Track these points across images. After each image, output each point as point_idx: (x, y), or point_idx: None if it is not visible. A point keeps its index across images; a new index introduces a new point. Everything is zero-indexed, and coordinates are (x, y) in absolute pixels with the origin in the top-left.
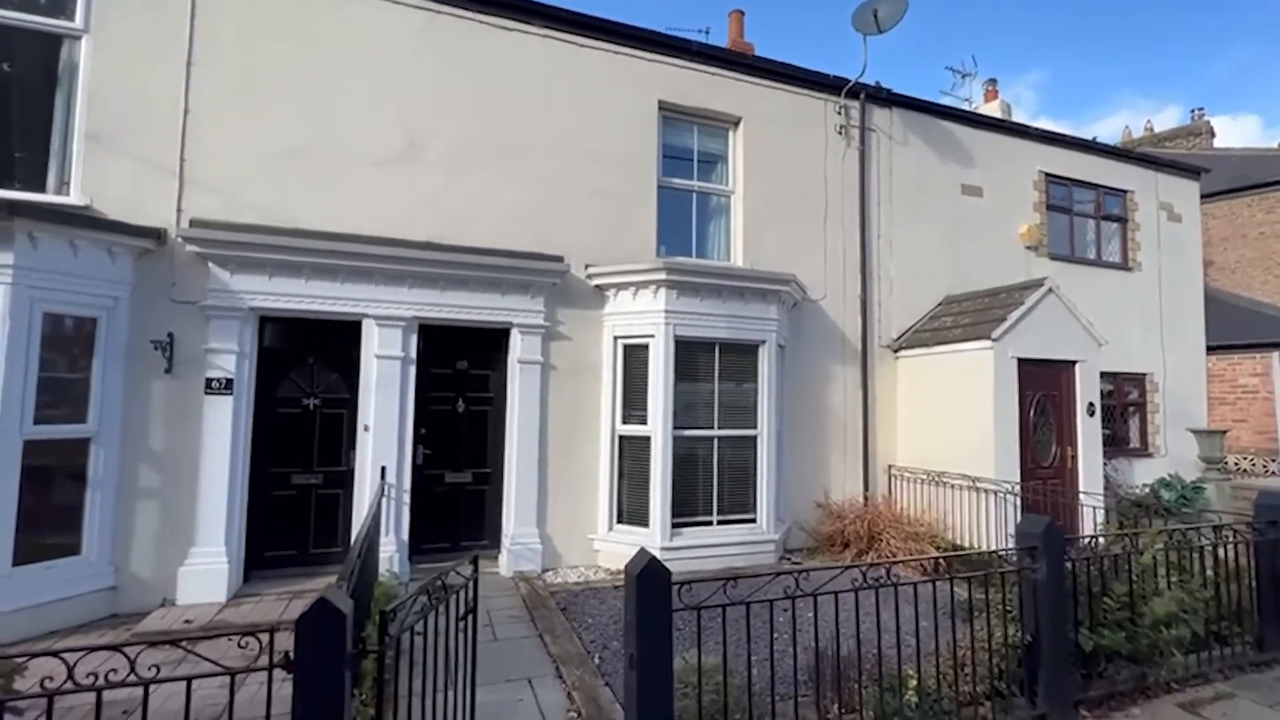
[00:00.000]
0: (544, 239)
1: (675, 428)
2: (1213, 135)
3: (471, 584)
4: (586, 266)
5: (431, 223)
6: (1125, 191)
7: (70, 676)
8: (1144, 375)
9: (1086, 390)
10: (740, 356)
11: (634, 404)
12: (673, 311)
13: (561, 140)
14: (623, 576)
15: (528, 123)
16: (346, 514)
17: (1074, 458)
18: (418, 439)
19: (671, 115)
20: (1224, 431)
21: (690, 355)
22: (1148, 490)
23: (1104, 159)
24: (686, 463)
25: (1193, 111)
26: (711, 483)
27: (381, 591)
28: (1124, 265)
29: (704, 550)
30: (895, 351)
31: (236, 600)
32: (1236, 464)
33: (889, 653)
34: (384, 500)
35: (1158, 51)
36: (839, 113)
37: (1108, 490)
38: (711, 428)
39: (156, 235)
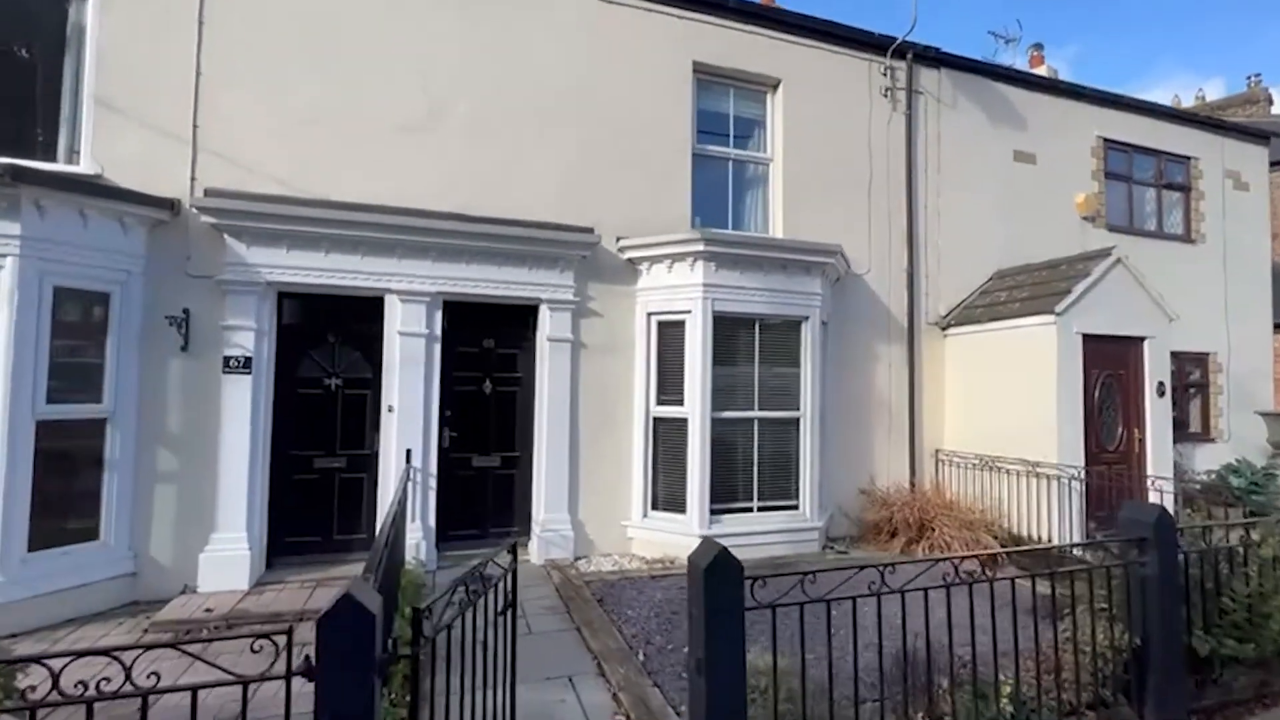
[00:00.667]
0: (573, 210)
1: (714, 409)
2: (1270, 102)
3: (510, 575)
4: (618, 239)
5: (456, 192)
6: (1189, 159)
7: (55, 686)
8: (1207, 355)
9: (1156, 369)
10: (782, 334)
11: (669, 384)
12: (711, 285)
13: (591, 105)
14: (659, 565)
15: (555, 86)
16: (371, 499)
17: (1141, 441)
18: (443, 421)
19: (706, 78)
20: None
21: (729, 332)
22: (1214, 476)
23: (1167, 123)
24: (725, 446)
25: (1249, 78)
26: (752, 467)
27: (409, 580)
28: (1186, 237)
29: (744, 539)
30: (944, 329)
31: (259, 587)
32: None
33: (970, 653)
34: (409, 485)
35: (1197, 20)
36: (884, 74)
37: (1175, 477)
38: (751, 409)
39: (170, 205)
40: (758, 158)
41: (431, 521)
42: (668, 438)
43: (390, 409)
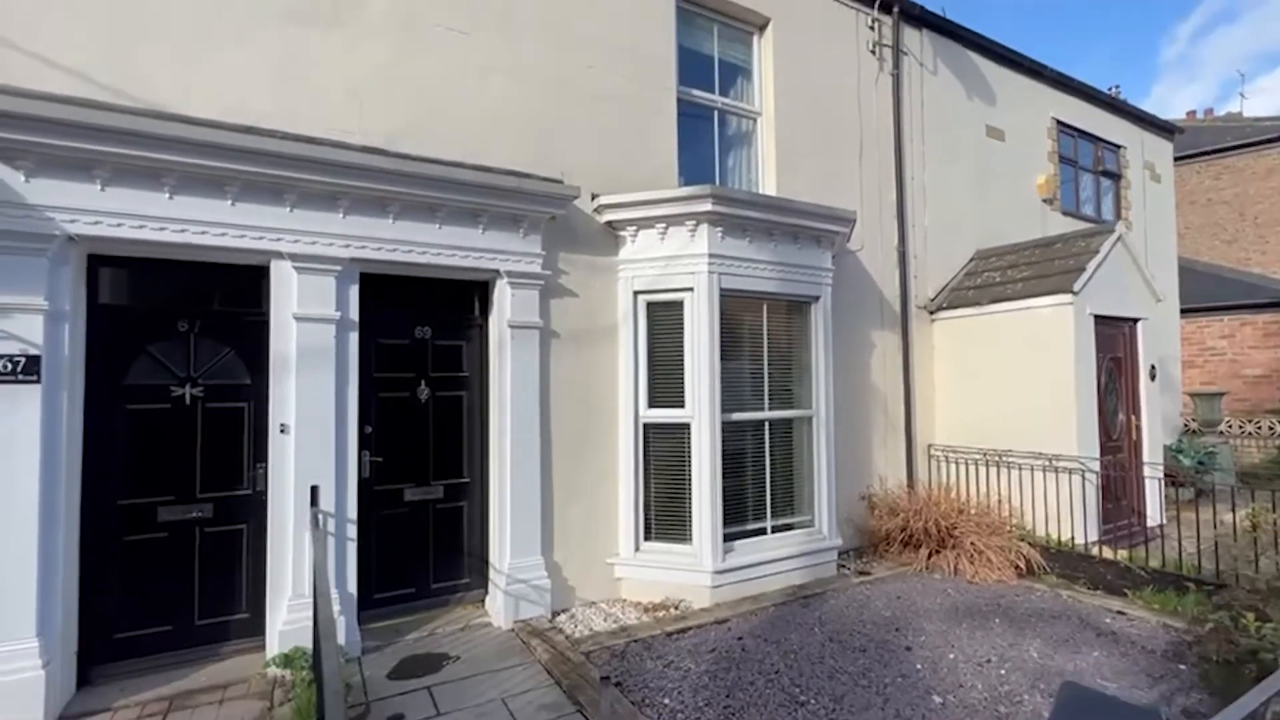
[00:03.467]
0: (534, 156)
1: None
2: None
3: None
4: (593, 197)
5: (375, 119)
6: (1120, 147)
7: None
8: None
9: (1148, 351)
10: (790, 316)
11: (664, 381)
12: (718, 256)
13: (555, 20)
14: (663, 613)
15: None
16: (256, 560)
17: (1139, 428)
18: (363, 442)
19: (691, 6)
20: (1223, 394)
21: (733, 316)
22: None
23: (1104, 110)
24: (733, 456)
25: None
26: (764, 480)
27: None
28: (1117, 222)
29: (761, 569)
30: (931, 313)
31: None
32: (1229, 425)
33: None
34: (313, 534)
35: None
36: (871, 27)
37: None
38: (761, 409)
39: None
40: (746, 110)
41: (351, 585)
42: (663, 449)
43: (284, 429)
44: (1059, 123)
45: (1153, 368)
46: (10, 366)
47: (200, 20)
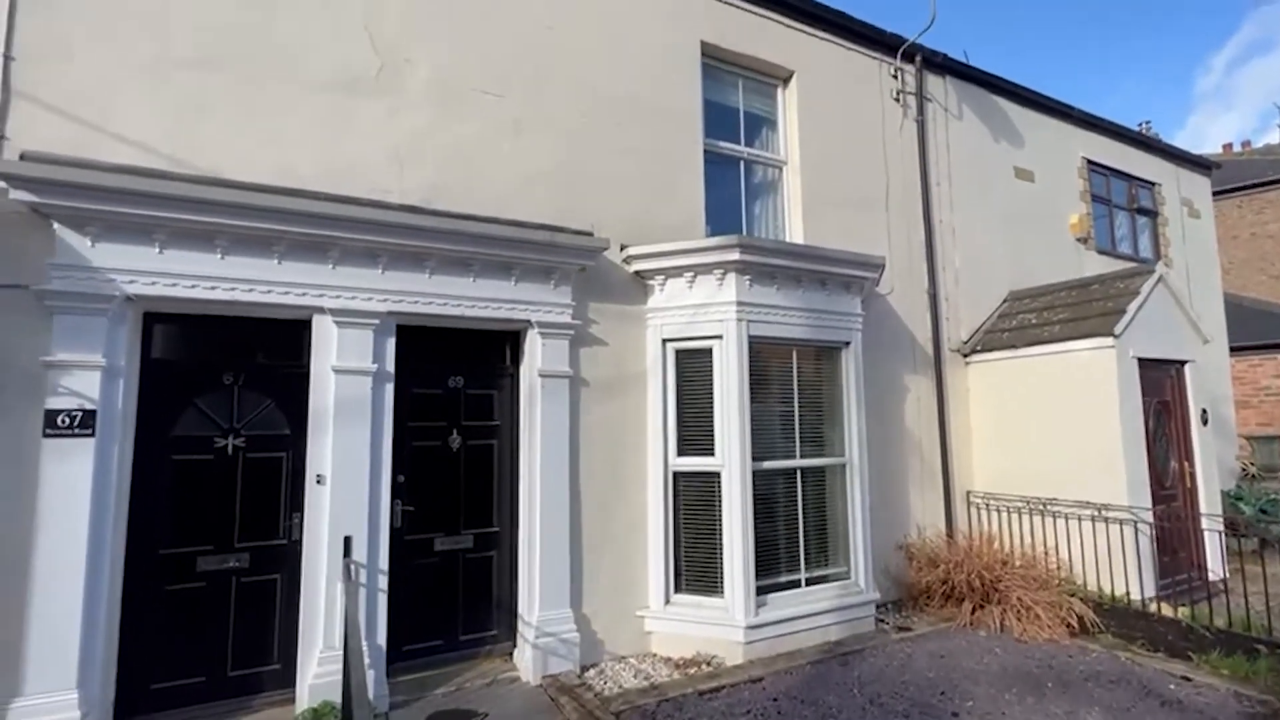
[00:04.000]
0: (564, 209)
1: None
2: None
3: None
4: (622, 247)
5: (414, 179)
6: (1154, 184)
7: None
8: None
9: (1198, 394)
10: (820, 362)
11: (693, 429)
12: (746, 304)
13: (584, 80)
14: (694, 669)
15: (542, 52)
16: (288, 612)
17: (1192, 475)
18: (395, 491)
19: (715, 63)
20: None
21: (763, 363)
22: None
23: (1135, 148)
24: (764, 505)
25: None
26: (797, 530)
27: None
28: (1157, 261)
29: (795, 624)
30: (965, 356)
31: None
32: None
33: None
34: (345, 585)
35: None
36: (894, 76)
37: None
38: (793, 456)
39: None
40: (771, 159)
41: (381, 638)
42: (693, 497)
43: (320, 479)
44: (1089, 161)
45: (1204, 411)
46: (68, 421)
47: (254, 93)
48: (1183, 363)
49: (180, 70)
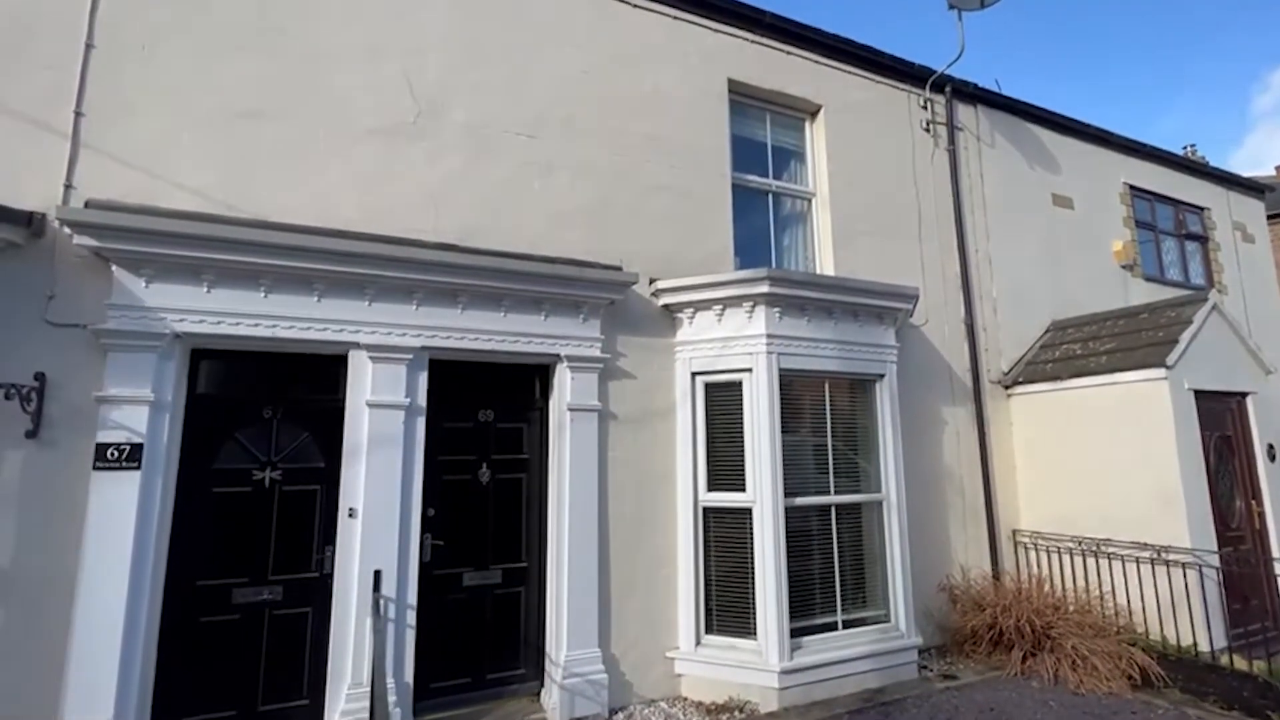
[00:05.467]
0: (594, 246)
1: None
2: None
3: None
4: (651, 281)
5: (448, 218)
6: (1203, 209)
7: None
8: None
9: (1263, 428)
10: (854, 395)
11: (723, 464)
12: (776, 336)
13: (613, 121)
14: (728, 716)
15: (572, 96)
16: (318, 646)
17: (1261, 515)
18: (425, 524)
19: (741, 100)
20: None
21: (794, 396)
22: None
23: (1180, 173)
24: (798, 543)
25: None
26: (832, 570)
27: None
28: (1210, 288)
29: (833, 669)
30: (1007, 388)
31: None
32: None
33: None
34: (374, 621)
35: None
36: (923, 107)
37: None
38: (827, 492)
39: (26, 221)
40: (800, 191)
41: (408, 675)
42: (724, 534)
43: (352, 513)
44: (1131, 187)
45: (1270, 446)
46: (116, 454)
47: (301, 141)
48: (1244, 395)
49: (233, 121)
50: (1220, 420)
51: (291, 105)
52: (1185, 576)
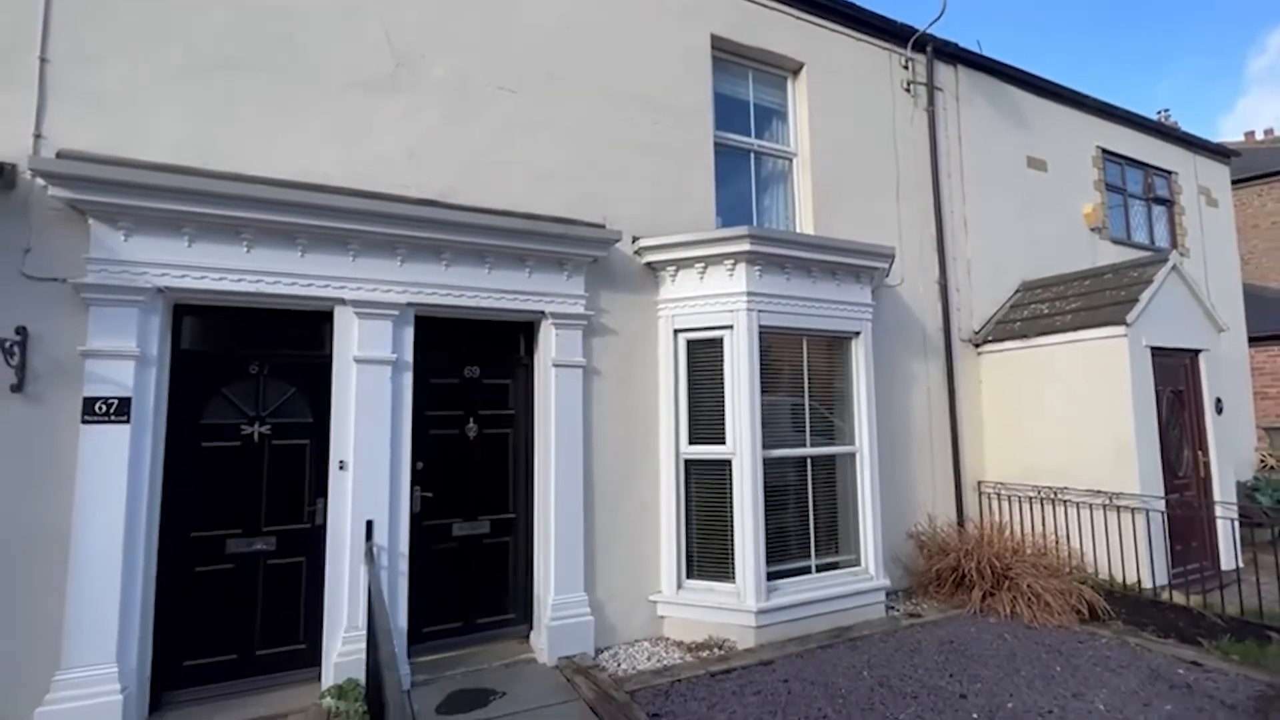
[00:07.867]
0: (578, 203)
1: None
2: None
3: None
4: (634, 239)
5: (431, 174)
6: (1171, 173)
7: None
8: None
9: (1213, 383)
10: (831, 352)
11: (704, 418)
12: (756, 294)
13: (597, 77)
14: (706, 652)
15: (555, 51)
16: (313, 594)
17: (1206, 465)
18: (415, 477)
19: (725, 57)
20: None
21: (773, 353)
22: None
23: (1151, 137)
24: (774, 493)
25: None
26: (807, 517)
27: None
28: (1173, 250)
29: (806, 609)
30: (977, 346)
31: None
32: None
33: None
34: (366, 569)
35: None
36: (904, 67)
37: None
38: (803, 445)
39: None
40: (782, 150)
41: (402, 620)
42: (704, 484)
43: (342, 465)
44: (1104, 151)
45: (1218, 400)
46: (105, 408)
47: (277, 94)
48: (1197, 352)
49: (207, 75)
50: (1174, 375)
51: (265, 57)
52: (1134, 521)
